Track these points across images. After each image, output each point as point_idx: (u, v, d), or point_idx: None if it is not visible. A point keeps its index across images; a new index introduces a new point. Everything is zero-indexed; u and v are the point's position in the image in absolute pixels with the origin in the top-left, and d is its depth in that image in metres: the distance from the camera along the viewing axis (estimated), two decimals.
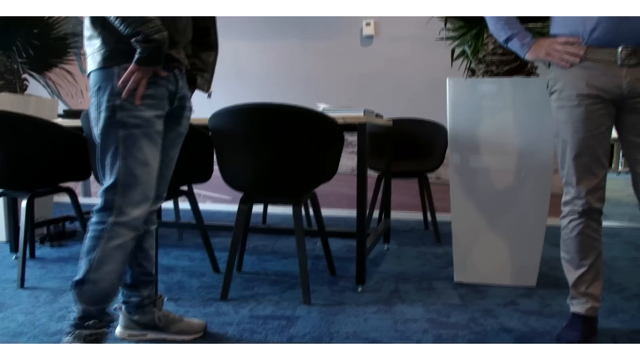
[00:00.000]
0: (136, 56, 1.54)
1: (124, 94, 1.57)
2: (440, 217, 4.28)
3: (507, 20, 1.95)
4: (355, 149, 3.92)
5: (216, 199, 5.21)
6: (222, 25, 5.12)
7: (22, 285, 2.59)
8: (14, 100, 3.47)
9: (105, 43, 1.59)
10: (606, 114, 1.80)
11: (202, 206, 5.18)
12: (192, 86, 1.92)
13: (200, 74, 1.93)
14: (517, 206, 2.58)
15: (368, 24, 4.72)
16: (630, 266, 3.02)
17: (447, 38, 2.75)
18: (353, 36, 4.80)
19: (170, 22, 1.63)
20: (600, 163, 1.84)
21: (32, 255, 3.22)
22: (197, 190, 5.10)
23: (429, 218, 3.97)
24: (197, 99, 2.26)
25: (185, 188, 2.98)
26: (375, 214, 4.17)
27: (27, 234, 2.68)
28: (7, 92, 3.53)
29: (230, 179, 2.47)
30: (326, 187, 4.74)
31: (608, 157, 1.87)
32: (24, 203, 2.69)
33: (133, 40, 1.53)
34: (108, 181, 1.62)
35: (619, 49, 1.72)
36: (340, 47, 4.83)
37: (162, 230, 4.06)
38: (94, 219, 1.63)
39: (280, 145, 2.30)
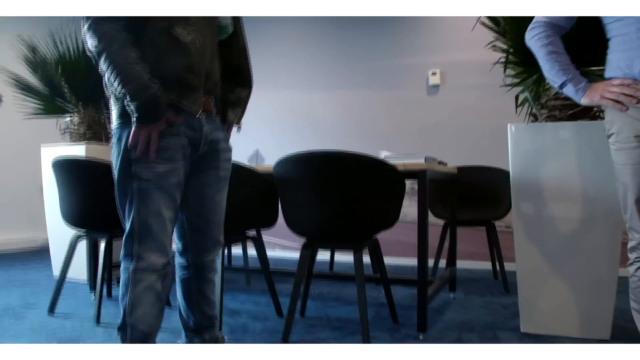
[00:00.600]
0: (133, 117, 1.59)
1: (137, 152, 1.62)
2: (510, 266, 4.15)
3: (562, 66, 1.95)
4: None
5: (285, 246, 5.31)
6: (294, 78, 5.38)
7: (98, 322, 2.74)
8: (100, 149, 3.73)
9: (117, 100, 1.66)
10: None
11: (272, 253, 5.28)
12: (224, 122, 1.93)
13: (232, 108, 1.96)
14: (584, 254, 2.49)
15: (434, 74, 4.79)
16: None
17: (508, 85, 2.76)
18: (419, 85, 4.88)
19: (185, 68, 1.66)
20: None
21: (109, 295, 3.39)
22: (267, 237, 5.22)
23: (498, 267, 3.87)
24: (267, 145, 2.37)
25: (253, 234, 3.09)
26: (443, 263, 4.11)
27: (105, 274, 2.85)
28: (95, 142, 3.81)
29: (293, 225, 2.55)
30: (392, 235, 4.72)
31: None
32: (103, 244, 2.87)
33: (124, 101, 1.58)
34: (126, 229, 1.68)
35: None
36: (407, 96, 4.92)
37: (231, 275, 4.17)
38: (122, 265, 1.70)
39: (340, 192, 2.36)
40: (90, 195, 2.80)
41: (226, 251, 4.10)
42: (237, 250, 4.50)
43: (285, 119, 5.45)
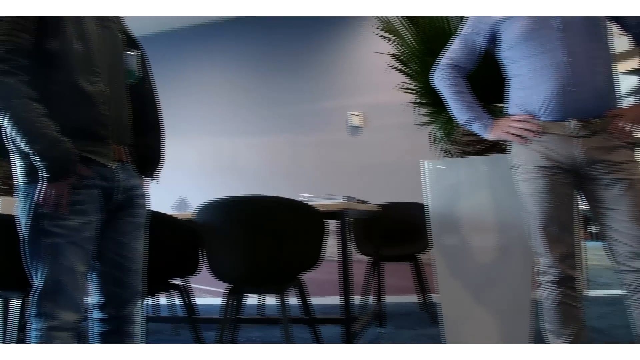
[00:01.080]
0: (42, 173, 1.53)
1: (48, 208, 1.55)
2: (437, 297, 4.26)
3: (467, 104, 2.08)
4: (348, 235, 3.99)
5: (215, 293, 5.21)
6: (217, 124, 5.38)
7: None
8: (11, 203, 3.58)
9: (22, 159, 1.60)
10: (567, 184, 1.87)
11: (201, 300, 5.16)
12: (142, 172, 1.88)
13: (145, 161, 1.90)
14: (502, 281, 2.59)
15: (355, 115, 4.93)
16: (630, 335, 2.98)
17: (421, 123, 2.89)
18: (341, 127, 5.00)
19: (93, 119, 1.63)
20: (567, 231, 1.89)
21: None
22: (195, 284, 5.10)
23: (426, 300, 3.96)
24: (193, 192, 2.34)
25: (178, 282, 3.02)
26: (373, 299, 4.16)
27: (20, 335, 2.69)
28: (10, 196, 3.65)
29: (216, 271, 2.52)
30: (322, 275, 4.74)
31: (575, 225, 1.93)
32: (14, 303, 2.73)
33: (32, 159, 1.53)
34: (36, 286, 1.60)
35: (570, 122, 1.82)
36: (329, 138, 5.03)
37: (158, 326, 4.04)
38: (32, 325, 1.60)
39: (261, 236, 2.37)
40: (3, 252, 2.67)
41: (151, 301, 3.99)
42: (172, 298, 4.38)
43: (211, 166, 5.43)
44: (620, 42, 2.12)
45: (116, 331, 1.84)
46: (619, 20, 1.98)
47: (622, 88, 1.98)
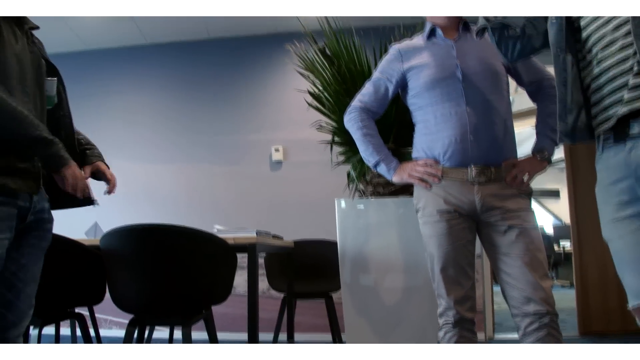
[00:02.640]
0: None
1: None
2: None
3: (375, 147, 2.14)
4: (264, 271, 3.95)
5: (124, 325, 5.00)
6: (136, 149, 5.25)
7: None
8: None
9: None
10: (466, 228, 1.94)
11: (107, 332, 4.93)
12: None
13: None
14: (408, 322, 2.64)
15: (277, 150, 4.95)
16: None
17: (337, 163, 2.94)
18: (263, 160, 5.01)
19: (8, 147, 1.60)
20: (465, 274, 1.95)
21: None
22: (102, 315, 4.89)
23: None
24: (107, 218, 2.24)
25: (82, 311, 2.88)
26: (284, 337, 4.11)
27: None
28: None
29: (119, 300, 2.44)
30: (233, 310, 4.66)
31: (473, 269, 1.99)
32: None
33: None
34: None
35: (470, 169, 1.91)
36: (250, 171, 5.02)
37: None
38: None
39: (167, 266, 2.32)
40: None
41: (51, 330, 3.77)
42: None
43: (126, 192, 5.22)
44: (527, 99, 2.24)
45: None
46: (517, 77, 2.11)
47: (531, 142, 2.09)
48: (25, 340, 1.83)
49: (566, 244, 10.40)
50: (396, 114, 2.70)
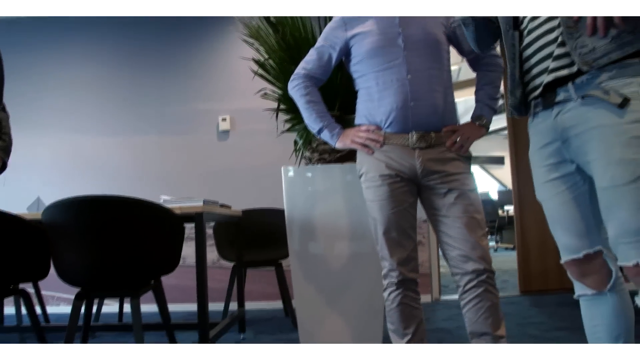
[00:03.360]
0: None
1: None
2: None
3: (318, 114, 2.16)
4: (214, 242, 3.95)
5: (71, 301, 4.93)
6: (80, 121, 5.11)
7: None
8: None
9: None
10: (408, 192, 2.00)
11: (54, 309, 4.86)
12: None
13: None
14: (355, 286, 2.70)
15: (224, 119, 4.91)
16: None
17: (283, 131, 2.94)
18: (210, 130, 4.96)
19: None
20: (407, 236, 2.01)
21: None
22: (48, 292, 4.80)
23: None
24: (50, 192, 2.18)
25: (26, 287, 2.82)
26: (234, 306, 4.15)
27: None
28: None
29: (64, 274, 2.40)
30: (181, 281, 4.66)
31: (415, 231, 2.06)
32: None
33: None
34: None
35: (411, 134, 1.95)
36: (198, 141, 4.97)
37: (2, 336, 3.75)
38: None
39: (113, 237, 2.29)
40: None
41: None
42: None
43: (70, 165, 5.14)
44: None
45: None
46: (458, 46, 2.16)
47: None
48: None
49: (509, 209, 10.76)
50: (341, 81, 2.72)
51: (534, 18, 1.52)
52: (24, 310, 3.63)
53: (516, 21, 1.58)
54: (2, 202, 1.92)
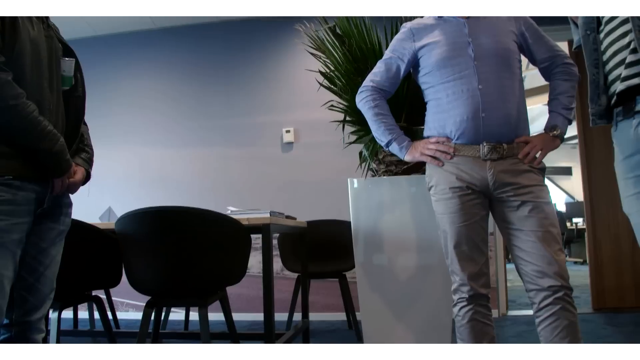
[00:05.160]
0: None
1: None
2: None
3: (387, 126, 2.15)
4: (278, 252, 3.98)
5: (140, 307, 5.07)
6: (148, 134, 5.28)
7: None
8: None
9: None
10: (479, 204, 1.95)
11: (124, 315, 5.01)
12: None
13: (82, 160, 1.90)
14: (423, 299, 2.65)
15: (288, 131, 4.96)
16: None
17: (349, 143, 2.94)
18: (274, 142, 5.02)
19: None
20: (479, 250, 1.97)
21: None
22: (118, 298, 4.96)
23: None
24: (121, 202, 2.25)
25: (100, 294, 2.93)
26: (298, 316, 4.16)
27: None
28: None
29: (136, 283, 2.47)
30: (247, 291, 4.72)
31: (487, 245, 2.01)
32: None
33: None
34: None
35: (482, 146, 1.91)
36: (262, 153, 5.04)
37: (77, 339, 3.90)
38: None
39: (182, 248, 2.34)
40: None
41: (69, 313, 3.84)
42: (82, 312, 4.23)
43: (140, 176, 5.31)
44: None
45: (19, 338, 1.77)
46: (530, 55, 2.11)
47: (546, 119, 2.09)
48: (45, 323, 1.87)
49: (578, 221, 10.37)
50: (407, 93, 2.70)
51: (610, 20, 1.45)
52: (96, 315, 3.78)
53: (598, 24, 1.52)
54: (77, 211, 1.99)
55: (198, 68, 5.33)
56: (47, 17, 1.80)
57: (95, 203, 4.68)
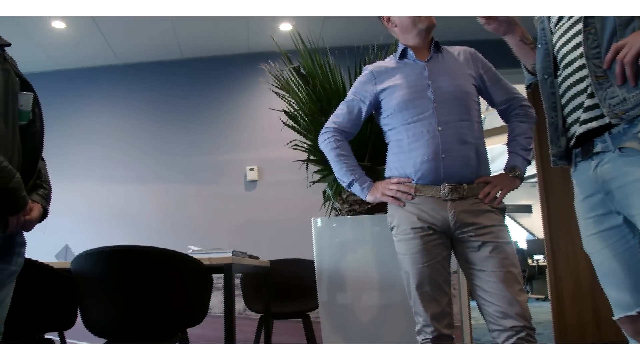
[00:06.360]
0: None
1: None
2: None
3: (349, 167, 2.16)
4: (240, 292, 3.91)
5: None
6: (107, 170, 5.19)
7: None
8: None
9: None
10: (441, 244, 1.96)
11: None
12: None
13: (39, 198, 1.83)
14: (386, 340, 2.61)
15: (251, 170, 4.94)
16: None
17: (312, 182, 2.94)
18: (238, 181, 4.99)
19: None
20: (441, 290, 1.96)
21: None
22: (73, 340, 4.78)
23: None
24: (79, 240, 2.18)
25: (52, 336, 2.81)
26: None
27: None
28: None
29: (92, 325, 2.38)
30: (207, 332, 4.60)
31: (449, 285, 2.01)
32: None
33: None
34: None
35: (442, 186, 1.93)
36: (225, 192, 4.99)
37: None
38: None
39: (141, 288, 2.28)
40: None
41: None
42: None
43: (99, 213, 5.19)
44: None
45: None
46: (488, 97, 2.16)
47: (505, 158, 2.12)
48: None
49: (539, 258, 10.54)
50: (371, 133, 2.73)
51: (567, 65, 1.51)
52: None
53: (555, 69, 1.57)
54: (32, 249, 1.92)
55: (160, 105, 5.31)
56: (3, 50, 1.75)
57: (52, 240, 4.53)
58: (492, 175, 2.06)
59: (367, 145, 2.75)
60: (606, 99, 1.36)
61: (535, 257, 10.71)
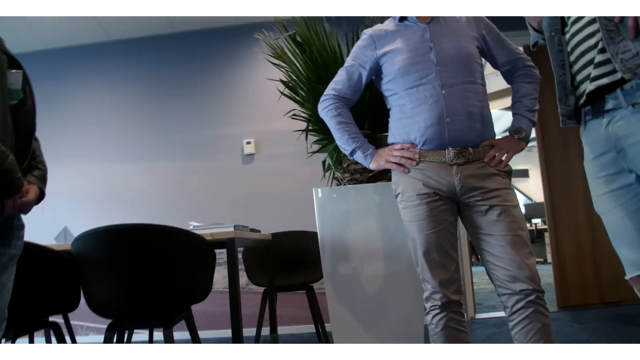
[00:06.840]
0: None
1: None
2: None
3: (351, 135, 2.11)
4: (243, 266, 3.90)
5: (101, 330, 4.90)
6: (103, 150, 5.12)
7: None
8: None
9: None
10: (447, 210, 1.93)
11: (84, 339, 4.84)
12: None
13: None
14: (393, 309, 2.62)
15: (248, 143, 4.89)
16: None
17: (312, 152, 2.90)
18: (235, 155, 4.94)
19: None
20: (449, 257, 1.94)
21: None
22: (77, 322, 4.78)
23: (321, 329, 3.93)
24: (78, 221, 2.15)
25: (57, 319, 2.80)
26: (266, 331, 4.08)
27: None
28: None
29: (95, 305, 2.36)
30: (212, 307, 4.61)
31: (456, 251, 1.98)
32: None
33: None
34: None
35: (447, 151, 1.89)
36: (222, 166, 4.95)
37: None
38: None
39: (144, 266, 2.25)
40: None
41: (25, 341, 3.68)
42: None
43: (98, 193, 5.14)
44: (501, 80, 2.24)
45: None
46: (491, 59, 2.11)
47: (503, 123, 2.09)
48: None
49: (537, 222, 10.58)
50: (370, 100, 2.68)
51: (576, 20, 1.46)
52: (54, 341, 3.63)
53: (563, 25, 1.52)
54: (31, 232, 1.89)
55: (154, 81, 5.22)
56: None
57: (50, 223, 4.52)
58: (497, 137, 2.02)
59: (367, 112, 2.69)
60: (618, 54, 1.31)
61: (534, 220, 10.76)
